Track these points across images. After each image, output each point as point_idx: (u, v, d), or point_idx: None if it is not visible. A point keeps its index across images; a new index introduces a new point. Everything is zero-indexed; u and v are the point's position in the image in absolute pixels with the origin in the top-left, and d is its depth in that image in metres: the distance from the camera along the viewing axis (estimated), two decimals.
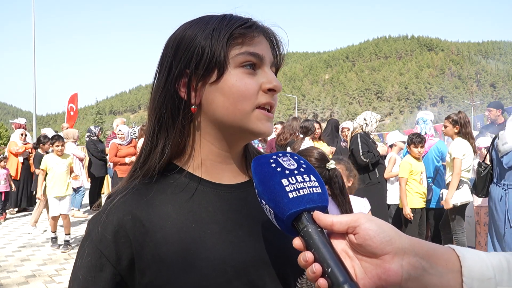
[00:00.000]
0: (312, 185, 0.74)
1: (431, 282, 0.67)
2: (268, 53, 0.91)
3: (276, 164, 0.76)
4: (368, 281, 0.67)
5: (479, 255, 0.71)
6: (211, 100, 0.88)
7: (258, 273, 0.85)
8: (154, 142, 0.92)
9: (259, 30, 0.90)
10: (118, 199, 0.87)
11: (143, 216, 0.85)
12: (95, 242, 0.84)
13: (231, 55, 0.87)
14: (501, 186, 4.69)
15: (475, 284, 0.68)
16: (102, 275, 0.83)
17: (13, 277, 5.41)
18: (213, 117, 0.89)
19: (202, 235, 0.84)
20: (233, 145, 0.94)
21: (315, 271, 0.65)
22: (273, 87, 0.88)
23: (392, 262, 0.66)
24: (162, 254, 0.82)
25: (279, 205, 0.71)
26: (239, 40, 0.87)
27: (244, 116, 0.87)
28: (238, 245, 0.86)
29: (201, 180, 0.92)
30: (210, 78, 0.87)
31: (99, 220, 0.86)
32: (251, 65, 0.88)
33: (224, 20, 0.88)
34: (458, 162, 5.41)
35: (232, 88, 0.86)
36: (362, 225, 0.67)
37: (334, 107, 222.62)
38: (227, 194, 0.92)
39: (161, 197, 0.88)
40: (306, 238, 0.68)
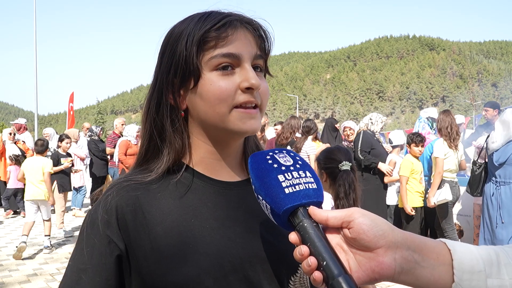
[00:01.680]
0: (307, 181, 0.75)
1: (423, 274, 0.69)
2: (246, 49, 0.89)
3: (272, 160, 0.78)
4: (362, 274, 0.68)
5: (469, 248, 0.73)
6: (194, 105, 0.90)
7: (254, 269, 0.88)
8: (154, 145, 0.94)
9: (235, 26, 0.89)
10: (120, 188, 0.90)
11: (145, 207, 0.87)
12: (103, 229, 0.85)
13: (205, 60, 0.87)
14: (493, 182, 4.93)
15: (466, 277, 0.69)
16: (112, 260, 0.85)
17: (15, 276, 5.44)
18: (199, 120, 0.92)
19: (201, 230, 0.87)
20: (225, 144, 0.96)
21: (310, 264, 0.66)
22: (250, 85, 0.87)
23: (385, 256, 0.67)
24: (162, 247, 0.84)
25: (276, 200, 0.73)
26: (211, 43, 0.87)
27: (223, 118, 0.88)
28: (235, 241, 0.88)
29: (202, 176, 0.94)
30: (189, 84, 0.89)
31: (101, 207, 0.87)
32: (227, 66, 0.88)
33: (199, 22, 0.88)
34: (440, 161, 5.57)
35: (208, 92, 0.87)
36: (356, 220, 0.68)
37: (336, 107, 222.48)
38: (226, 191, 0.95)
39: (164, 192, 0.90)
40: (301, 233, 0.70)
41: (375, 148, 6.48)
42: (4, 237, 7.73)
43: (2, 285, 5.09)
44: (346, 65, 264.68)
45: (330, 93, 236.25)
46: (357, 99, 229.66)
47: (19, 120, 11.32)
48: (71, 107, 13.47)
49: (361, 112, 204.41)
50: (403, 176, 5.65)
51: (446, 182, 5.61)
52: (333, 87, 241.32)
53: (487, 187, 5.04)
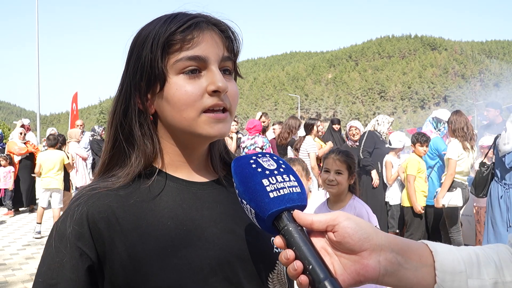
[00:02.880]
0: (292, 184, 0.75)
1: (406, 276, 0.71)
2: (213, 51, 0.87)
3: (256, 164, 0.77)
4: (347, 276, 0.69)
5: (451, 250, 0.75)
6: (162, 109, 0.89)
7: (233, 269, 0.87)
8: (121, 149, 0.91)
9: (200, 29, 0.86)
10: (89, 196, 0.86)
11: (118, 214, 0.84)
12: (73, 241, 0.81)
13: (170, 63, 0.85)
14: (502, 185, 4.76)
15: (447, 277, 0.71)
16: (85, 273, 0.81)
17: (18, 275, 5.47)
18: (167, 124, 0.91)
19: (178, 233, 0.85)
20: (191, 147, 0.94)
21: (296, 268, 0.66)
22: (217, 88, 0.85)
23: (370, 258, 0.69)
24: (139, 253, 0.82)
25: (260, 204, 0.72)
26: (176, 46, 0.85)
27: (191, 123, 0.87)
28: (213, 243, 0.87)
29: (175, 178, 0.93)
30: (156, 89, 0.87)
31: (71, 218, 0.83)
32: (194, 69, 0.86)
33: (164, 25, 0.86)
34: (452, 163, 5.43)
35: (174, 97, 0.85)
36: (341, 223, 0.69)
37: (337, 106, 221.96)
38: (200, 192, 0.93)
39: (136, 196, 0.88)
40: (287, 237, 0.70)
41: (379, 148, 6.55)
42: (7, 236, 7.76)
43: (6, 284, 5.12)
44: (348, 65, 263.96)
45: (332, 93, 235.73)
46: (359, 99, 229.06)
47: (23, 121, 11.33)
48: (73, 107, 13.47)
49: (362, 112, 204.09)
50: (411, 175, 5.61)
51: (459, 187, 5.51)
52: (334, 87, 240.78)
53: (493, 189, 4.89)
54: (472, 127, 5.69)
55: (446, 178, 5.48)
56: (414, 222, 5.68)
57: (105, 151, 0.94)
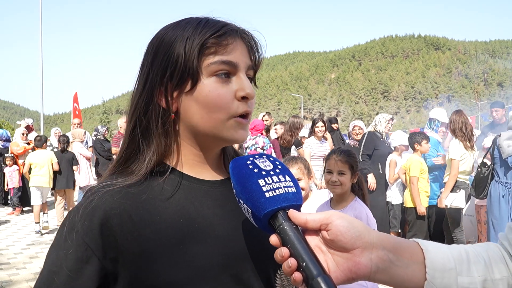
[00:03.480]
0: (287, 185, 0.78)
1: (397, 273, 0.73)
2: (243, 59, 0.92)
3: (253, 165, 0.80)
4: (340, 273, 0.72)
5: (441, 248, 0.77)
6: (187, 109, 0.91)
7: (242, 266, 0.90)
8: (137, 146, 0.93)
9: (234, 36, 0.90)
10: (104, 192, 0.87)
11: (131, 211, 0.86)
12: (81, 235, 0.83)
13: (204, 65, 0.88)
14: (503, 184, 4.79)
15: (437, 275, 0.73)
16: (88, 268, 0.82)
17: (22, 274, 5.50)
18: (189, 124, 0.92)
19: (189, 230, 0.88)
20: (209, 148, 0.97)
21: (290, 265, 0.69)
22: (246, 94, 0.90)
23: (362, 256, 0.72)
24: (151, 249, 0.84)
25: (256, 204, 0.75)
26: (212, 50, 0.88)
27: (219, 125, 0.90)
28: (223, 239, 0.90)
29: (187, 176, 0.95)
30: (185, 88, 0.89)
31: (83, 212, 0.85)
32: (225, 73, 0.89)
33: (198, 27, 0.89)
34: (455, 163, 5.42)
35: (206, 98, 0.88)
36: (334, 222, 0.72)
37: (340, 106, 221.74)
38: (211, 190, 0.96)
39: (150, 193, 0.89)
40: (282, 235, 0.73)
41: (379, 149, 6.52)
42: (12, 235, 7.81)
43: (10, 283, 5.15)
44: (351, 65, 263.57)
45: (335, 92, 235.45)
46: (362, 98, 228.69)
47: (26, 121, 11.37)
48: (75, 107, 13.48)
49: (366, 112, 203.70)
50: (414, 177, 5.61)
51: (462, 188, 5.51)
52: (337, 87, 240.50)
53: (493, 189, 4.93)
54: (472, 127, 5.69)
55: (450, 179, 5.47)
56: (417, 222, 5.68)
57: (122, 147, 0.96)
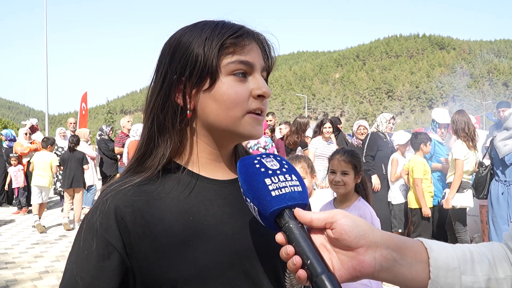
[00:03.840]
0: (293, 184, 0.79)
1: (401, 272, 0.74)
2: (259, 60, 0.95)
3: (260, 164, 0.81)
4: (344, 272, 0.73)
5: (445, 247, 0.78)
6: (204, 106, 0.93)
7: (251, 263, 0.92)
8: (153, 143, 0.96)
9: (250, 38, 0.94)
10: (117, 191, 0.90)
11: (144, 208, 0.89)
12: (101, 232, 0.86)
13: (223, 64, 0.91)
14: (502, 182, 4.86)
15: (441, 274, 0.74)
16: (110, 263, 0.86)
17: (27, 273, 5.53)
18: (206, 122, 0.95)
19: (199, 227, 0.90)
20: (224, 146, 1.00)
21: (295, 263, 0.70)
22: (263, 93, 0.93)
23: (366, 254, 0.72)
24: (162, 245, 0.87)
25: (263, 202, 0.76)
26: (230, 49, 0.91)
27: (235, 121, 0.93)
28: (233, 237, 0.92)
29: (199, 176, 0.97)
30: (203, 86, 0.92)
31: (99, 211, 0.88)
32: (242, 73, 0.92)
33: (217, 29, 0.92)
34: (460, 163, 5.41)
35: (224, 95, 0.91)
36: (339, 221, 0.73)
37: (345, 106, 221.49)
38: (221, 189, 0.98)
39: (161, 192, 0.92)
40: (287, 233, 0.74)
41: (382, 150, 6.50)
42: (16, 235, 7.84)
43: (15, 282, 5.18)
44: (355, 65, 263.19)
45: (339, 92, 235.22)
46: (366, 98, 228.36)
47: (31, 121, 11.40)
48: (83, 107, 13.51)
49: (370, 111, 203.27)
50: (418, 179, 5.59)
51: (469, 188, 5.50)
52: (342, 87, 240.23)
53: (493, 188, 4.97)
54: (474, 127, 5.68)
55: (455, 179, 5.45)
56: (422, 223, 5.66)
57: (140, 144, 0.99)
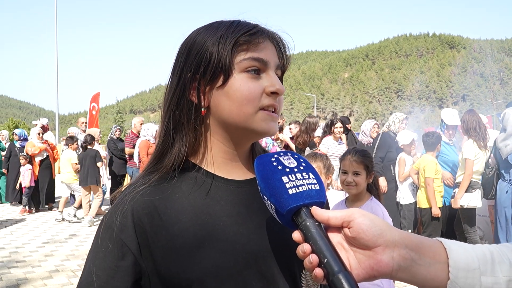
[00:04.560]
0: (310, 182, 0.78)
1: (420, 272, 0.72)
2: (272, 58, 0.95)
3: (277, 162, 0.81)
4: (361, 271, 0.72)
5: (465, 247, 0.76)
6: (218, 103, 0.94)
7: (267, 263, 0.92)
8: (170, 141, 0.97)
9: (264, 36, 0.95)
10: (136, 192, 0.92)
11: (160, 209, 0.90)
12: (116, 233, 0.88)
13: (236, 61, 0.92)
14: (508, 182, 4.89)
15: (461, 274, 0.72)
16: (124, 264, 0.87)
17: (38, 272, 5.56)
18: (220, 119, 0.95)
19: (215, 228, 0.91)
20: (240, 144, 1.00)
21: (312, 261, 0.70)
22: (276, 90, 0.93)
23: (384, 254, 0.71)
24: (178, 245, 0.87)
25: (280, 200, 0.76)
26: (244, 47, 0.92)
27: (248, 118, 0.93)
28: (248, 237, 0.92)
29: (214, 176, 0.98)
30: (216, 83, 0.92)
31: (117, 211, 0.91)
32: (255, 70, 0.93)
33: (231, 27, 0.93)
34: (470, 163, 5.38)
35: (237, 92, 0.91)
36: (356, 220, 0.72)
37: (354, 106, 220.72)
38: (237, 189, 0.98)
39: (178, 192, 0.94)
40: (304, 231, 0.73)
41: (392, 151, 6.44)
42: (27, 234, 7.89)
43: (26, 280, 5.21)
44: (365, 64, 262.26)
45: (348, 92, 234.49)
46: (376, 98, 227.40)
47: (41, 121, 11.45)
48: (93, 107, 13.56)
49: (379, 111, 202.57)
50: (430, 178, 5.54)
51: (478, 188, 5.46)
52: (351, 86, 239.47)
53: (499, 187, 4.96)
54: (485, 127, 5.62)
55: (464, 179, 5.41)
56: (432, 223, 5.61)
57: (157, 143, 1.00)
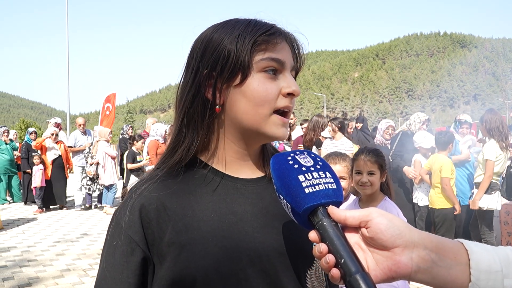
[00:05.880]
0: (327, 181, 0.77)
1: (440, 274, 0.70)
2: (289, 58, 0.95)
3: (293, 161, 0.80)
4: (379, 272, 0.70)
5: (487, 249, 0.74)
6: (234, 102, 0.93)
7: (271, 262, 0.91)
8: (182, 138, 0.97)
9: (282, 37, 0.94)
10: (144, 188, 0.94)
11: (167, 205, 0.92)
12: (125, 229, 0.91)
13: (255, 60, 0.91)
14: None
15: (483, 276, 0.70)
16: (133, 259, 0.90)
17: (49, 271, 5.59)
18: (234, 118, 0.95)
19: (220, 225, 0.91)
20: (250, 145, 0.99)
21: (328, 261, 0.68)
22: (292, 91, 0.93)
23: (402, 255, 0.69)
24: (182, 241, 0.88)
25: (296, 199, 0.75)
26: (262, 46, 0.91)
27: (262, 120, 0.93)
28: (253, 236, 0.92)
29: (221, 174, 0.98)
30: (234, 81, 0.92)
31: (126, 208, 0.93)
32: (272, 70, 0.92)
33: (250, 26, 0.93)
34: (491, 164, 5.29)
35: (254, 91, 0.91)
36: (374, 220, 0.70)
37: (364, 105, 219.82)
38: (244, 188, 0.98)
39: (184, 188, 0.95)
40: (321, 231, 0.72)
41: (409, 153, 6.34)
42: (39, 233, 7.95)
43: (37, 279, 5.24)
44: (375, 63, 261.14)
45: (358, 91, 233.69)
46: (386, 97, 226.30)
47: (56, 119, 11.49)
48: (107, 107, 13.61)
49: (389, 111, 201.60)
50: (447, 178, 5.47)
51: (497, 190, 5.38)
52: (361, 86, 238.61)
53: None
54: (507, 126, 5.52)
55: (484, 180, 5.32)
56: (445, 223, 5.55)
57: (171, 139, 1.01)
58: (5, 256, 6.29)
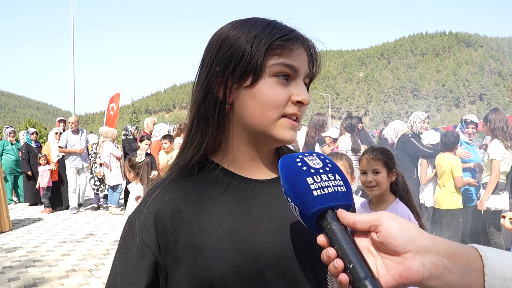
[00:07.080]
0: (337, 184, 0.75)
1: (453, 280, 0.68)
2: (304, 66, 0.93)
3: (302, 163, 0.78)
4: (389, 278, 0.67)
5: (502, 255, 0.71)
6: (242, 103, 0.92)
7: (288, 264, 0.90)
8: (193, 135, 0.97)
9: (299, 43, 0.92)
10: (158, 191, 0.94)
11: (181, 208, 0.91)
12: (138, 232, 0.90)
13: (268, 64, 0.90)
14: None
15: (497, 283, 0.68)
16: (144, 263, 0.89)
17: (55, 271, 5.60)
18: (242, 119, 0.94)
19: (236, 227, 0.90)
20: (260, 147, 0.98)
21: (336, 266, 0.66)
22: (302, 100, 0.91)
23: (414, 260, 0.67)
24: (198, 244, 0.87)
25: (304, 202, 0.73)
26: (277, 51, 0.90)
27: (270, 123, 0.91)
28: (270, 237, 0.91)
29: (235, 175, 0.97)
30: (244, 82, 0.91)
31: (140, 212, 0.92)
32: (285, 76, 0.91)
33: (268, 28, 0.91)
34: (497, 164, 5.25)
35: (264, 95, 0.90)
36: (384, 224, 0.68)
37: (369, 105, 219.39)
38: (259, 189, 0.97)
39: (198, 190, 0.94)
40: (329, 235, 0.70)
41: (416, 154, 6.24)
42: (44, 233, 7.96)
43: (42, 280, 5.25)
44: (380, 63, 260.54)
45: (363, 91, 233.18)
46: (391, 97, 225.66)
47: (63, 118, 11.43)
48: (111, 107, 13.65)
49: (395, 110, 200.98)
50: (459, 177, 5.42)
51: (505, 190, 5.33)
52: (366, 86, 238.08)
53: None
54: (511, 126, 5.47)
55: (491, 180, 5.28)
56: (452, 224, 5.51)
57: (184, 139, 1.00)
58: (11, 257, 6.30)
